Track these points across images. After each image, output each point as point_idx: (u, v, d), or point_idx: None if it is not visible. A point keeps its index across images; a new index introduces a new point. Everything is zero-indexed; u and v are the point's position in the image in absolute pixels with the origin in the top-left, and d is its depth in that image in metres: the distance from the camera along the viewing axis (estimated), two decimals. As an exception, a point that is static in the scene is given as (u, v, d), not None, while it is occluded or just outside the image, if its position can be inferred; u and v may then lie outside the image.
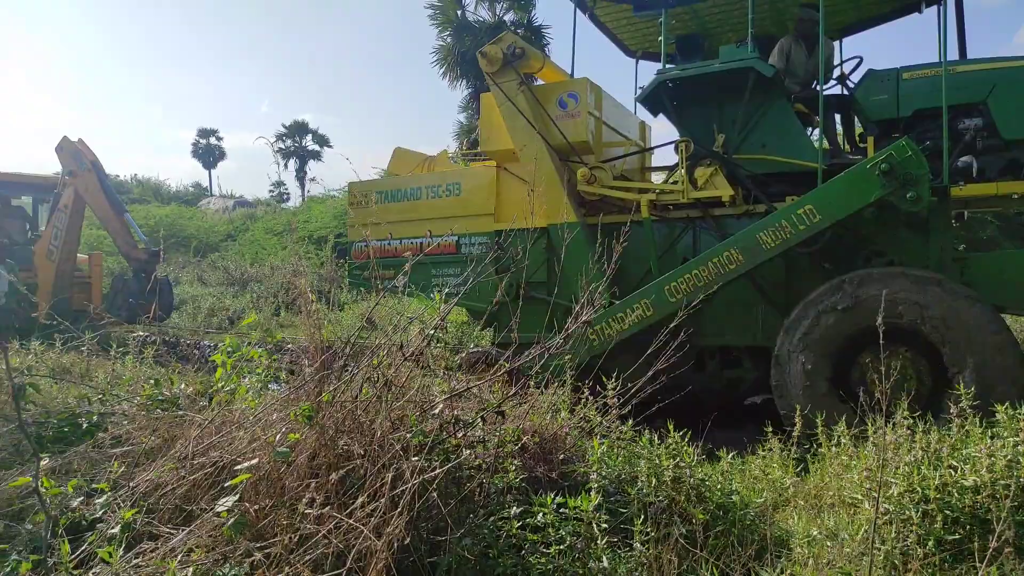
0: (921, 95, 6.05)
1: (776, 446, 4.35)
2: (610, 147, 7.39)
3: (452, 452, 2.90)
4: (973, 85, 5.94)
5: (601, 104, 7.26)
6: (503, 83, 7.05)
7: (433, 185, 7.84)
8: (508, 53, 6.99)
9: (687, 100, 6.90)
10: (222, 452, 2.60)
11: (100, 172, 12.01)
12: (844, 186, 5.50)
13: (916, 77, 6.16)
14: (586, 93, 6.95)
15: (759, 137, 6.61)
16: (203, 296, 15.21)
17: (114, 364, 6.54)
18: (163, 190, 38.13)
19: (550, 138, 6.93)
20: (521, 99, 6.93)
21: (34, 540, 2.64)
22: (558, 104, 7.03)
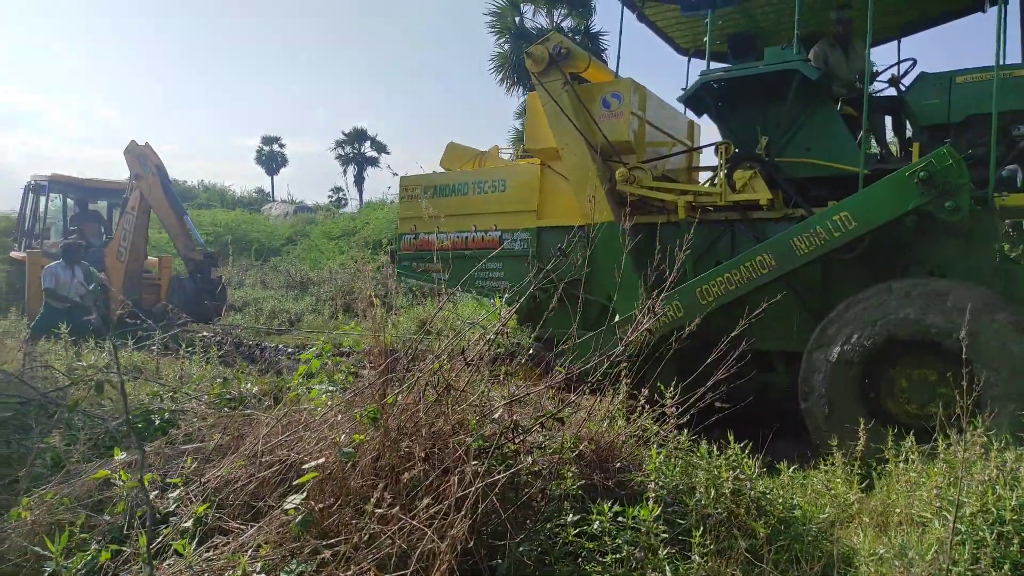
0: (974, 100, 5.86)
1: (839, 460, 4.24)
2: (654, 147, 7.36)
3: (510, 457, 2.93)
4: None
5: (645, 104, 7.22)
6: (548, 83, 7.06)
7: (480, 181, 7.94)
8: (554, 53, 7.01)
9: (731, 101, 6.82)
10: (289, 451, 2.68)
11: (164, 176, 12.37)
12: (882, 193, 5.39)
13: (969, 81, 5.97)
14: (629, 93, 6.93)
15: (803, 140, 6.50)
16: (265, 298, 15.63)
17: (183, 363, 6.80)
18: (228, 195, 39.37)
19: (592, 137, 6.89)
20: (565, 98, 6.94)
21: (112, 531, 2.76)
22: (602, 104, 7.03)
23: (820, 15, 7.32)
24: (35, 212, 13.83)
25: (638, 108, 7.10)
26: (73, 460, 3.39)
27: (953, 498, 2.82)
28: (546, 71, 7.08)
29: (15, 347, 7.97)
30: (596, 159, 6.86)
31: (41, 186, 13.69)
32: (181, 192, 36.14)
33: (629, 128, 6.87)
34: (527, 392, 3.09)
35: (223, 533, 2.42)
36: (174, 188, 13.10)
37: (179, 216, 12.35)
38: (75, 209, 14.34)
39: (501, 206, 7.68)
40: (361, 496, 2.50)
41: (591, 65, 7.52)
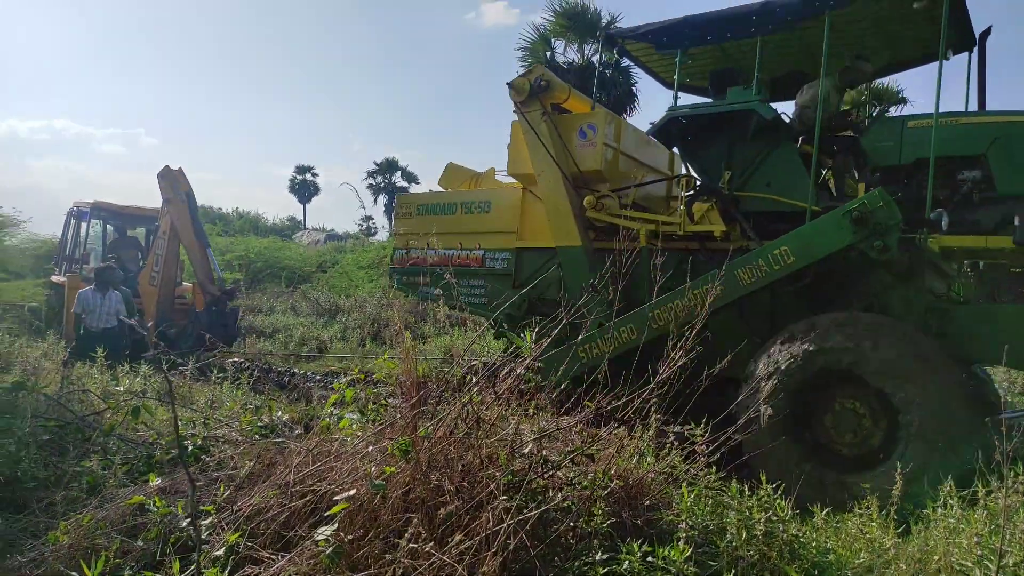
0: (924, 144, 5.97)
1: (874, 504, 4.14)
2: (628, 176, 7.59)
3: (540, 493, 2.91)
4: (974, 137, 5.93)
5: (620, 135, 7.53)
6: (528, 112, 7.39)
7: (467, 202, 8.38)
8: (535, 85, 7.36)
9: (697, 137, 7.11)
10: (320, 481, 2.70)
11: (192, 203, 12.59)
12: (818, 230, 5.67)
13: (920, 126, 6.14)
14: (604, 125, 7.29)
15: (764, 176, 6.73)
16: (295, 325, 15.79)
17: (214, 389, 6.88)
18: (261, 223, 40.05)
19: (566, 165, 7.23)
20: (543, 127, 7.27)
21: (145, 557, 2.80)
22: (579, 134, 7.37)
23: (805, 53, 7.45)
24: (76, 237, 14.19)
25: (612, 139, 7.41)
26: (109, 484, 3.44)
27: (995, 547, 2.74)
28: (527, 101, 7.42)
29: (53, 369, 8.14)
30: (568, 186, 7.19)
31: (83, 212, 14.07)
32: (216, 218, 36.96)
33: (601, 158, 7.21)
34: (557, 427, 3.08)
35: (254, 562, 2.43)
36: (209, 214, 13.36)
37: (202, 247, 12.50)
38: (114, 235, 14.70)
39: (485, 226, 8.07)
40: (391, 529, 2.50)
41: (572, 96, 7.78)
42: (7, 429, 4.07)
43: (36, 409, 4.66)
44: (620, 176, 7.51)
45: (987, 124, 6.00)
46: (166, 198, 12.55)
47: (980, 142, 5.89)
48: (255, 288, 21.08)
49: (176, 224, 12.42)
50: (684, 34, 7.09)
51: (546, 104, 7.42)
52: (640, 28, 7.27)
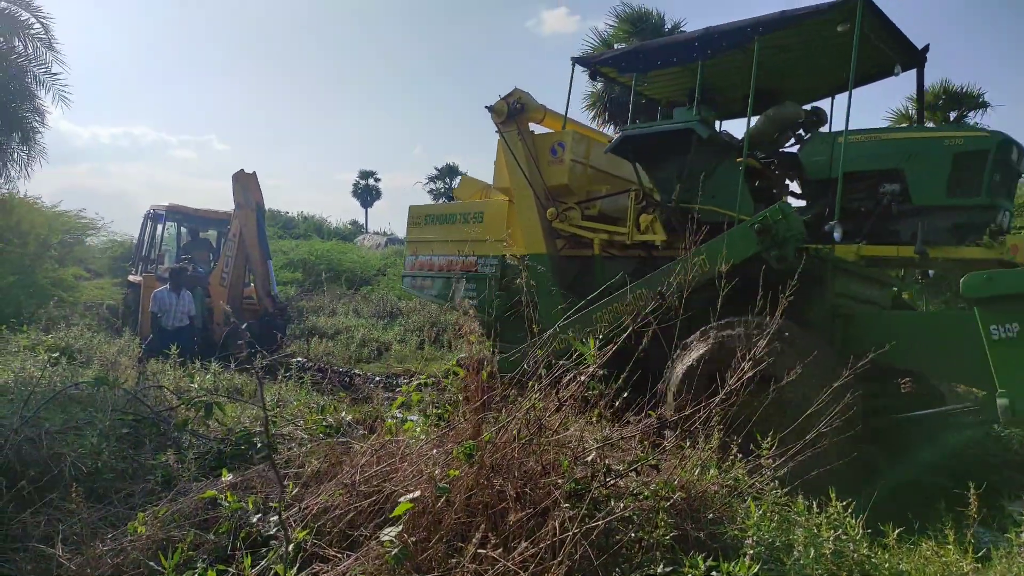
0: (853, 159, 6.36)
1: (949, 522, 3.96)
2: (596, 190, 8.20)
3: (601, 502, 2.89)
4: (892, 152, 6.34)
5: (590, 152, 8.18)
6: (507, 132, 8.17)
7: (465, 212, 9.33)
8: (512, 107, 8.11)
9: (651, 153, 7.56)
10: (384, 481, 2.74)
11: (260, 213, 12.82)
12: (729, 241, 5.99)
13: (849, 141, 6.49)
14: (571, 143, 8.01)
15: (711, 189, 7.08)
16: (356, 327, 16.07)
17: (279, 388, 7.07)
18: (324, 227, 40.99)
19: (537, 181, 7.98)
20: (519, 146, 8.02)
21: (216, 550, 2.89)
22: (551, 151, 8.08)
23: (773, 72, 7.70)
24: (152, 239, 14.78)
25: (582, 156, 8.09)
26: (183, 478, 3.57)
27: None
28: (506, 122, 8.18)
29: (129, 366, 8.50)
30: (537, 199, 7.96)
31: (159, 215, 14.64)
32: (283, 222, 38.00)
33: (568, 173, 7.93)
34: (620, 436, 3.05)
35: (321, 560, 2.48)
36: (276, 218, 13.69)
37: (263, 258, 12.70)
38: (187, 237, 15.25)
39: (478, 235, 8.82)
40: (454, 532, 2.52)
41: (547, 116, 8.45)
42: (90, 422, 4.26)
43: (115, 403, 4.88)
44: (587, 190, 8.16)
45: (904, 140, 6.50)
46: (237, 202, 12.85)
47: (897, 157, 6.29)
48: (318, 290, 21.55)
49: (243, 230, 12.72)
50: (639, 60, 7.85)
51: (523, 125, 8.16)
52: (604, 55, 8.10)
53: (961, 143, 6.15)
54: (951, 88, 19.39)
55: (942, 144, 6.20)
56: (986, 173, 5.96)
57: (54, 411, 4.50)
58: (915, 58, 7.17)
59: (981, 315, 4.87)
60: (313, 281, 22.75)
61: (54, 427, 4.14)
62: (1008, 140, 6.08)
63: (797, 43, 7.21)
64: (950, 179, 6.07)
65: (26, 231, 14.79)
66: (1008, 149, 6.04)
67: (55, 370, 6.05)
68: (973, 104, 19.40)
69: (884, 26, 6.71)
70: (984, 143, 6.05)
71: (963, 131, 6.51)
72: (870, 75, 7.80)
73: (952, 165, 6.07)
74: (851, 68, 6.24)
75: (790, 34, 7.03)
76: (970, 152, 6.05)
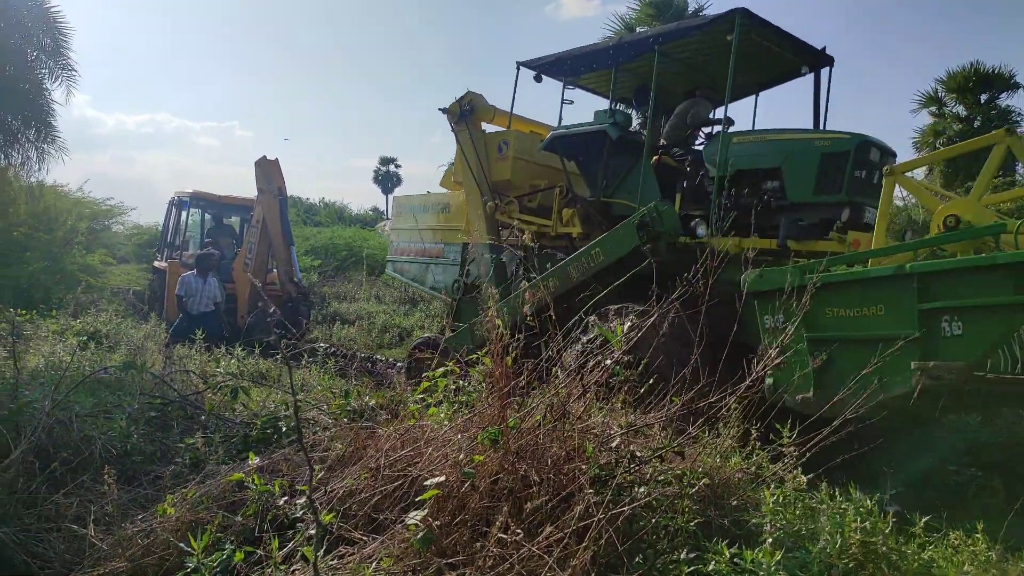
0: (741, 158, 6.83)
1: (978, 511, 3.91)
2: (538, 183, 8.80)
3: (625, 488, 2.88)
4: (774, 153, 6.76)
5: (532, 149, 8.69)
6: (459, 132, 8.89)
7: (436, 204, 10.21)
8: (464, 108, 8.79)
9: (578, 152, 8.16)
10: (409, 465, 2.75)
11: (283, 199, 12.81)
12: (617, 234, 6.61)
13: (742, 142, 6.98)
14: (514, 141, 8.69)
15: (628, 186, 7.63)
16: (377, 313, 16.16)
17: (303, 373, 7.13)
18: (345, 213, 41.15)
19: (481, 177, 8.70)
20: (469, 145, 8.74)
21: (244, 531, 2.93)
22: (497, 149, 8.79)
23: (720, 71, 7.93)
24: (176, 225, 14.93)
25: (522, 153, 8.69)
26: (210, 461, 3.61)
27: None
28: (458, 123, 8.87)
29: (155, 350, 8.63)
30: (482, 193, 8.69)
31: (183, 201, 14.78)
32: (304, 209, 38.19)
33: (510, 169, 8.59)
34: (646, 423, 3.04)
35: (348, 543, 2.51)
36: (298, 205, 13.71)
37: (286, 244, 12.72)
38: (211, 223, 15.39)
39: (445, 223, 9.84)
40: (478, 516, 2.53)
41: (497, 115, 9.08)
42: (119, 405, 4.33)
43: (143, 387, 4.95)
44: (531, 184, 8.80)
45: (783, 141, 6.86)
46: (260, 188, 12.90)
47: (778, 157, 6.71)
48: (340, 276, 21.67)
49: (266, 216, 12.76)
50: (567, 65, 8.41)
51: (473, 125, 8.81)
52: (540, 60, 8.55)
53: (828, 145, 6.58)
54: (982, 70, 18.98)
55: (812, 145, 6.64)
56: (847, 172, 6.37)
57: (84, 395, 4.58)
58: (820, 59, 7.66)
59: (758, 306, 5.25)
60: (335, 267, 22.88)
61: (84, 410, 4.21)
62: (867, 141, 6.47)
63: (708, 48, 7.74)
64: (817, 178, 6.51)
65: (54, 218, 15.02)
66: (867, 149, 6.44)
67: (84, 355, 6.16)
68: (1005, 86, 18.98)
69: (777, 33, 7.30)
70: (845, 144, 6.46)
71: (831, 134, 6.85)
72: (782, 75, 8.50)
73: (819, 165, 6.51)
74: (729, 74, 6.75)
75: (690, 43, 7.69)
76: (834, 153, 6.47)
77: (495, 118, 9.15)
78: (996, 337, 4.19)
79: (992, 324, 4.20)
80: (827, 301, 4.75)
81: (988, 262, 4.23)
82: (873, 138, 6.57)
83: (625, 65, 8.24)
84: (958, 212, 5.10)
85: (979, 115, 19.23)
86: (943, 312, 4.30)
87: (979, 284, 4.21)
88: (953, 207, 5.23)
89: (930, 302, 4.33)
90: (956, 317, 4.29)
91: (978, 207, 5.18)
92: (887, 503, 3.36)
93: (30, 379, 4.95)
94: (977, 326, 4.23)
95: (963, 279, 4.23)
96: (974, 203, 5.19)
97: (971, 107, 19.54)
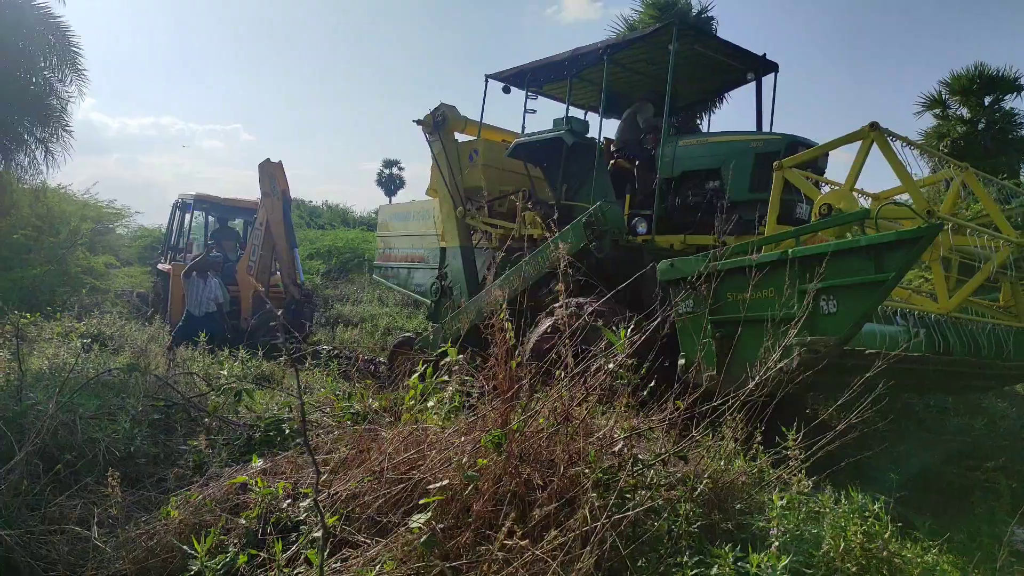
0: (686, 159, 7.25)
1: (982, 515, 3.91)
2: (507, 189, 9.16)
3: (628, 492, 2.88)
4: (716, 154, 7.10)
5: (501, 157, 9.02)
6: (433, 142, 9.38)
7: (418, 212, 10.81)
8: (437, 119, 9.26)
9: (540, 158, 8.58)
10: (415, 469, 2.75)
11: (286, 202, 12.73)
12: (569, 233, 6.93)
13: (688, 144, 7.38)
14: (483, 149, 9.13)
15: (588, 190, 7.94)
16: (380, 315, 16.18)
17: (306, 375, 7.13)
18: (349, 216, 41.17)
19: (453, 184, 9.18)
20: (441, 154, 9.25)
21: (247, 534, 2.93)
22: (468, 157, 9.25)
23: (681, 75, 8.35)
24: (180, 227, 14.95)
25: (491, 161, 9.09)
26: (214, 463, 3.62)
27: None
28: (432, 133, 9.34)
29: (159, 352, 8.64)
30: (454, 199, 9.17)
31: (187, 204, 14.80)
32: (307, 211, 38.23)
33: (480, 176, 9.06)
34: (648, 427, 3.04)
35: (351, 546, 2.51)
36: (302, 208, 13.73)
37: (290, 247, 12.63)
38: (215, 225, 15.40)
39: (425, 230, 10.35)
40: (481, 520, 2.53)
41: (468, 125, 9.52)
42: (122, 408, 4.34)
43: (146, 389, 4.96)
44: (500, 189, 9.15)
45: (724, 143, 7.20)
46: (264, 191, 12.90)
47: (719, 158, 7.03)
48: (343, 278, 21.68)
49: (270, 219, 12.76)
50: (529, 76, 8.74)
51: (445, 135, 9.26)
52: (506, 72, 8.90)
53: (761, 145, 6.91)
54: (987, 72, 18.93)
55: (748, 147, 6.98)
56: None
57: (88, 397, 4.59)
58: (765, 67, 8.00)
59: (672, 294, 5.52)
60: (339, 270, 22.90)
61: (88, 412, 4.22)
62: (796, 141, 6.78)
63: (655, 58, 8.04)
64: (752, 176, 6.80)
65: (58, 220, 15.05)
66: (796, 148, 6.62)
67: (88, 357, 6.16)
68: (1009, 88, 18.91)
69: (718, 42, 7.84)
70: (776, 145, 6.77)
71: (764, 136, 7.27)
72: (731, 82, 9.01)
73: (754, 164, 6.81)
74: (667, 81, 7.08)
75: (638, 53, 8.11)
76: (767, 153, 6.70)
77: (466, 128, 9.57)
78: (862, 313, 4.60)
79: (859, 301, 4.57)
80: (727, 286, 5.07)
81: (852, 245, 4.60)
82: (802, 138, 6.89)
83: (585, 74, 8.62)
84: (831, 201, 5.46)
85: (983, 117, 19.17)
86: (821, 292, 4.61)
87: (847, 265, 4.56)
88: (828, 197, 5.57)
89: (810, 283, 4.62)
90: (832, 296, 4.64)
91: (849, 196, 5.49)
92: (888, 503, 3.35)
93: (34, 381, 4.97)
94: (847, 303, 4.59)
95: (834, 261, 4.52)
96: (846, 193, 5.51)
97: (975, 109, 19.48)
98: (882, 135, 5.23)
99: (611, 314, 5.91)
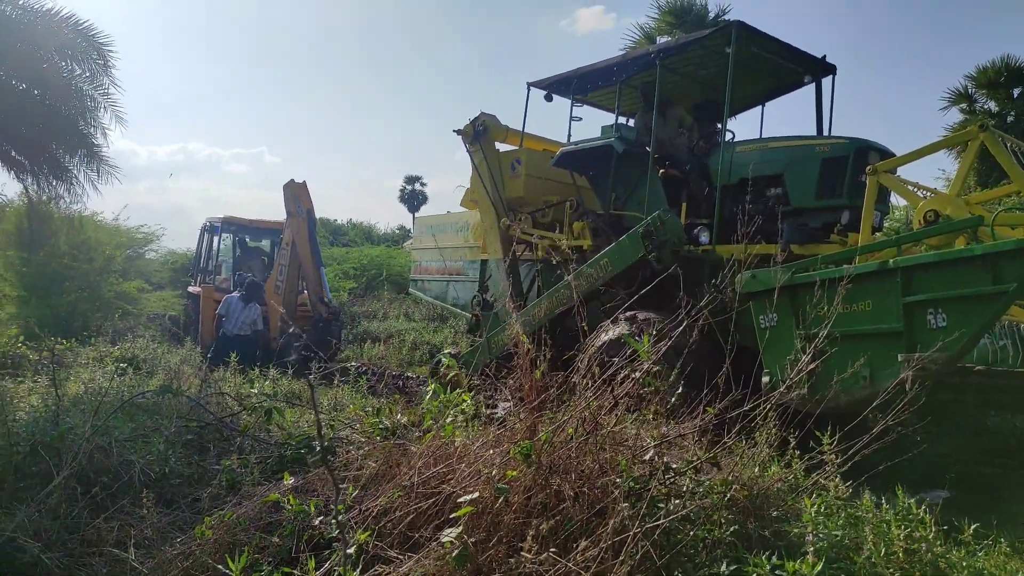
0: (743, 166, 6.81)
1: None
2: (551, 199, 8.96)
3: (660, 500, 2.84)
4: (777, 159, 6.83)
5: (544, 166, 8.88)
6: (473, 151, 9.16)
7: (455, 223, 10.67)
8: (478, 129, 9.04)
9: (587, 167, 8.38)
10: (442, 482, 2.75)
11: (311, 221, 12.84)
12: (625, 244, 6.58)
13: (746, 151, 7.09)
14: (526, 159, 8.96)
15: (637, 198, 7.73)
16: (407, 330, 16.25)
17: (336, 392, 7.18)
18: (373, 232, 41.53)
19: (495, 194, 8.94)
20: (483, 164, 8.99)
21: (281, 552, 2.94)
22: (511, 167, 9.05)
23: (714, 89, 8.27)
24: (208, 250, 15.18)
25: (536, 170, 8.93)
26: (246, 482, 3.64)
27: None
28: (472, 143, 9.12)
29: (191, 374, 8.75)
30: (495, 210, 8.91)
31: (215, 227, 15.04)
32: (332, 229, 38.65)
33: (522, 186, 8.88)
34: (680, 434, 3.00)
35: (384, 562, 2.50)
36: (327, 226, 13.88)
37: (316, 266, 12.68)
38: (241, 248, 15.62)
39: (464, 242, 10.21)
40: (512, 532, 2.52)
41: (510, 135, 9.33)
42: (156, 429, 4.40)
43: (179, 411, 5.02)
44: (544, 199, 8.97)
45: (785, 148, 6.91)
46: (289, 211, 13.06)
47: (780, 164, 6.80)
48: (369, 295, 21.84)
49: (295, 238, 12.89)
50: (574, 83, 8.59)
51: (487, 145, 9.03)
52: (549, 79, 8.76)
53: (827, 150, 6.63)
54: (1014, 64, 18.58)
55: (813, 151, 6.70)
56: (847, 176, 6.42)
57: (123, 420, 4.66)
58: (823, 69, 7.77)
59: (753, 307, 5.29)
60: (364, 286, 23.07)
61: (123, 435, 4.28)
62: (866, 145, 6.50)
63: (709, 61, 7.90)
64: (818, 183, 6.59)
65: (92, 248, 15.38)
66: (865, 153, 6.42)
67: (122, 380, 6.27)
68: (1040, 83, 18.52)
69: (776, 44, 7.41)
70: (844, 149, 6.51)
71: (830, 140, 6.94)
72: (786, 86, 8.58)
73: (820, 170, 6.58)
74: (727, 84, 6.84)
75: (692, 57, 7.87)
76: (834, 158, 6.52)
77: (508, 137, 9.38)
78: (977, 327, 4.25)
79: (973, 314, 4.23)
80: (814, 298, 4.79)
81: (966, 254, 4.30)
82: (872, 142, 6.60)
83: (632, 80, 8.41)
84: (937, 207, 5.16)
85: (1012, 110, 18.79)
86: (927, 304, 4.35)
87: (959, 276, 4.27)
88: (932, 203, 5.28)
89: (914, 295, 4.37)
90: (940, 309, 4.34)
91: (957, 202, 5.23)
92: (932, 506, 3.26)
93: (71, 405, 5.06)
94: (959, 317, 4.27)
95: (944, 272, 4.28)
96: (952, 198, 5.24)
97: (1003, 102, 19.12)
98: (991, 135, 5.00)
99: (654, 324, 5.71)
